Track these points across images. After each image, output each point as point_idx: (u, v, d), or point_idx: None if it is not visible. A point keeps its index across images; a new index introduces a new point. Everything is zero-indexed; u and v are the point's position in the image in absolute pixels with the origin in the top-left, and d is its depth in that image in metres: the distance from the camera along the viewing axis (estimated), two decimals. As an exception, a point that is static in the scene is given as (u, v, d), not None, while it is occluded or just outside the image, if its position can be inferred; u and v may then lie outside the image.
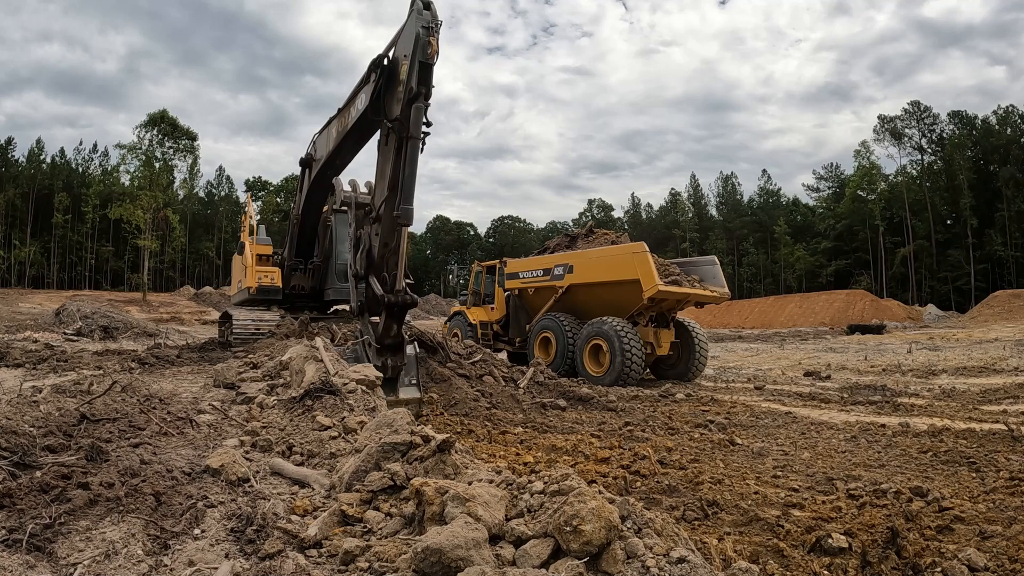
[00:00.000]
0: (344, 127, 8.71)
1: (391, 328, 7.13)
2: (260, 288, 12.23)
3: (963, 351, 19.71)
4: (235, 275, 14.38)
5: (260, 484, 3.47)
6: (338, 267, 12.72)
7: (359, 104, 7.89)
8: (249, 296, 12.34)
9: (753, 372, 15.02)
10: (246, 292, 12.43)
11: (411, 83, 6.31)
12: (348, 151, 9.22)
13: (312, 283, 13.13)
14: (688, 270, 13.70)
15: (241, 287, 13.05)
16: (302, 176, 11.78)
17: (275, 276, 12.44)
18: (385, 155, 6.88)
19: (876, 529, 3.32)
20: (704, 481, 4.45)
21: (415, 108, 6.32)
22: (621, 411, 8.35)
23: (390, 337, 7.17)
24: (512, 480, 2.94)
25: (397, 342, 7.26)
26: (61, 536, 2.54)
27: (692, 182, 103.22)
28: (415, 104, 6.32)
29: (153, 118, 56.19)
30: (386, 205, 6.67)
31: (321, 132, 10.24)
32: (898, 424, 7.13)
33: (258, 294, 12.23)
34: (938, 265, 68.32)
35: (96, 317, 22.69)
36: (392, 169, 6.58)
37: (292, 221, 12.71)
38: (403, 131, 6.41)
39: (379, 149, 7.15)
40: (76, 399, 4.60)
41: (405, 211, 6.42)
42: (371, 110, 7.25)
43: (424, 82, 6.29)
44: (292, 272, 12.88)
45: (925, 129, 73.72)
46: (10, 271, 69.99)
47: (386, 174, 6.75)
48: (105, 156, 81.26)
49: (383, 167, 6.91)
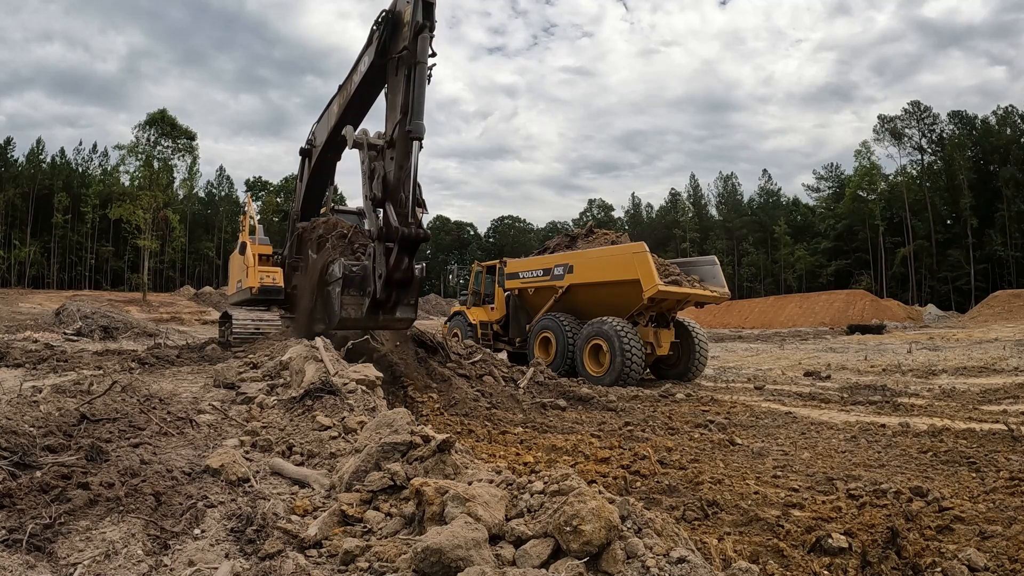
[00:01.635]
0: (347, 96, 9.19)
1: (402, 262, 7.43)
2: (262, 288, 12.19)
3: (963, 351, 19.71)
4: (234, 275, 14.22)
5: (260, 484, 3.47)
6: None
7: (362, 67, 8.59)
8: (251, 296, 12.31)
9: (753, 372, 15.02)
10: (247, 292, 12.38)
11: (416, 17, 7.07)
12: (351, 121, 9.37)
13: None
14: (688, 270, 13.70)
15: (241, 287, 12.99)
16: (301, 168, 11.94)
17: (277, 276, 12.41)
18: (395, 88, 7.56)
19: (876, 529, 3.32)
20: (704, 481, 4.45)
21: (421, 38, 7.05)
22: (621, 411, 8.35)
23: (400, 271, 7.49)
24: (512, 480, 2.94)
25: (407, 277, 7.60)
26: (61, 536, 2.54)
27: (692, 182, 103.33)
28: (420, 35, 7.04)
29: (152, 118, 56.19)
30: (399, 127, 7.22)
31: (320, 118, 10.65)
32: (898, 424, 7.13)
33: (260, 294, 12.18)
34: (938, 265, 68.32)
35: (96, 317, 22.67)
36: (403, 96, 7.22)
37: (292, 218, 12.67)
38: (411, 58, 7.13)
39: (388, 89, 7.80)
40: (76, 399, 4.60)
41: (417, 125, 7.06)
42: (378, 58, 7.93)
43: (428, 16, 7.09)
44: (293, 271, 12.83)
45: (925, 129, 73.77)
46: (10, 271, 69.98)
47: (397, 104, 7.39)
48: (105, 156, 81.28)
49: (393, 100, 7.56)
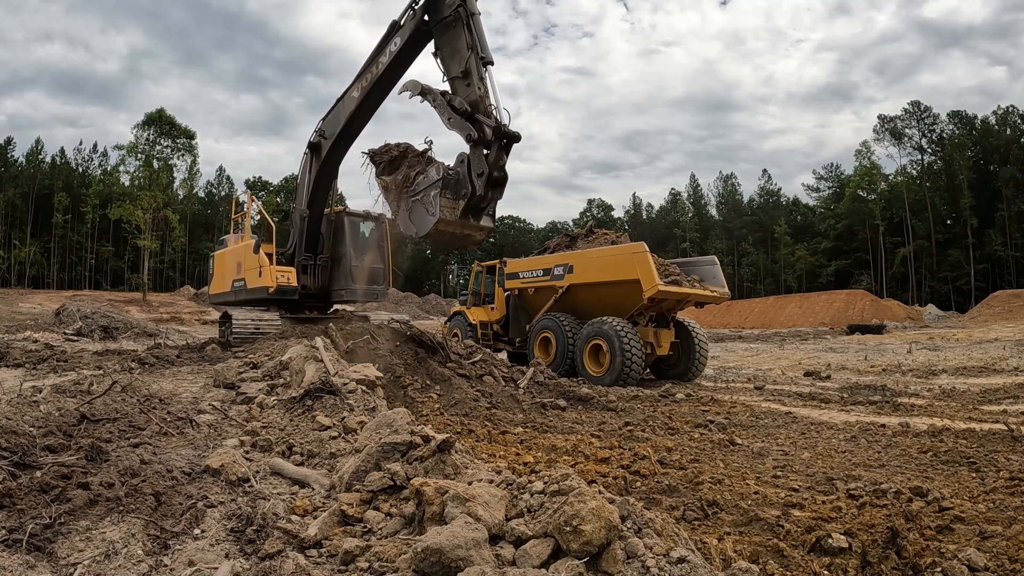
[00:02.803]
0: (372, 79, 10.27)
1: (501, 158, 8.36)
2: (279, 288, 11.96)
3: (963, 351, 19.71)
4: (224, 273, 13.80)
5: (260, 484, 3.47)
6: (352, 268, 12.65)
7: (392, 47, 9.89)
8: (267, 296, 12.00)
9: (753, 372, 15.02)
10: (262, 291, 12.00)
11: None
12: (374, 102, 10.69)
13: (318, 283, 12.96)
14: (688, 270, 13.70)
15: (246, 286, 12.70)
16: (308, 162, 11.99)
17: (291, 276, 12.18)
18: (454, 38, 8.92)
19: (876, 529, 3.32)
20: (704, 481, 4.44)
21: None
22: (621, 411, 8.35)
23: (499, 168, 8.41)
24: (512, 480, 2.94)
25: (504, 175, 8.54)
26: (61, 536, 2.54)
27: (692, 182, 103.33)
28: None
29: (150, 118, 56.16)
30: (470, 59, 8.60)
31: (330, 112, 11.33)
32: (898, 424, 7.13)
33: (277, 294, 12.00)
34: (938, 265, 68.32)
35: (96, 317, 22.65)
36: (467, 39, 8.67)
37: (299, 216, 12.50)
38: (467, 11, 8.66)
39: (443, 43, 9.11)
40: (76, 399, 4.60)
41: (488, 52, 8.58)
42: (421, 26, 9.38)
43: None
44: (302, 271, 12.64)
45: (925, 129, 73.79)
46: (10, 271, 69.96)
47: (460, 47, 8.78)
48: (105, 156, 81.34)
49: (455, 46, 8.93)
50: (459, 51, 8.87)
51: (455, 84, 8.83)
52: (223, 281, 13.91)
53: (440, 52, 9.20)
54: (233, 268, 13.42)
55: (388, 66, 9.96)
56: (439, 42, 9.20)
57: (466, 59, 8.66)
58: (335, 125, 11.16)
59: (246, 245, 13.03)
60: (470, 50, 8.62)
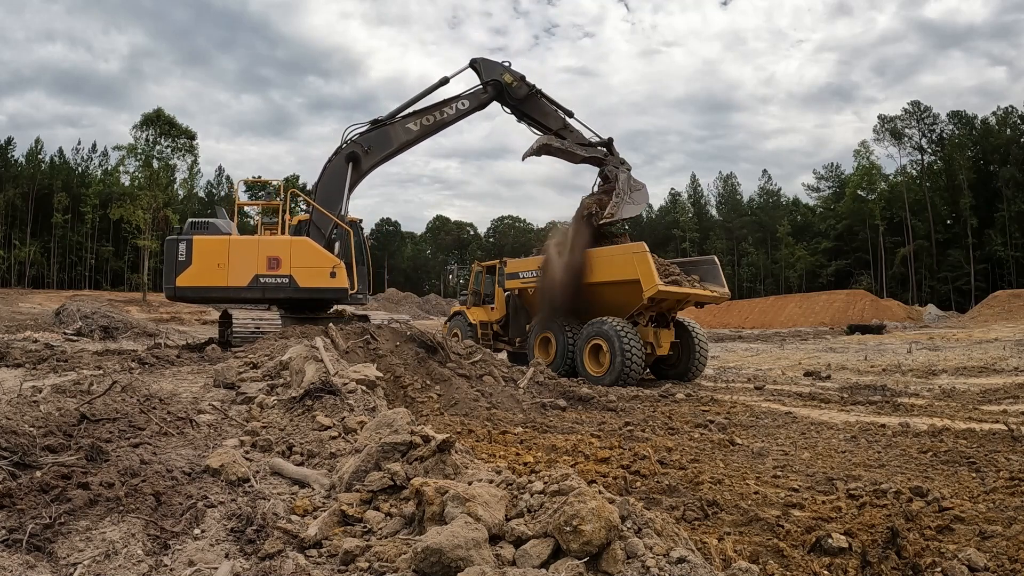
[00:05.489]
0: (435, 122, 13.06)
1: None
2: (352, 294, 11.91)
3: (963, 351, 19.71)
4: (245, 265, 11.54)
5: (260, 484, 3.47)
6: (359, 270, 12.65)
7: (460, 106, 13.21)
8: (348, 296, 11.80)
9: (753, 372, 15.03)
10: (341, 292, 11.49)
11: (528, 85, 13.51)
12: (428, 137, 13.32)
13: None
14: (688, 270, 13.70)
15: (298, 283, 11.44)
16: (343, 171, 12.30)
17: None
18: (538, 107, 13.77)
19: (876, 529, 3.31)
20: (704, 481, 4.44)
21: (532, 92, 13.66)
22: (621, 411, 8.35)
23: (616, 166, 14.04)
24: (512, 480, 2.94)
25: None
26: (61, 536, 2.54)
27: (692, 182, 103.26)
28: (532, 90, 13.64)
29: (148, 118, 56.04)
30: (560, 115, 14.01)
31: (374, 130, 12.73)
32: (898, 424, 7.12)
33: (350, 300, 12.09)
34: (938, 265, 68.30)
35: (96, 317, 22.63)
36: (548, 107, 13.87)
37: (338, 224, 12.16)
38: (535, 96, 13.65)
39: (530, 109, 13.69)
40: (76, 399, 4.60)
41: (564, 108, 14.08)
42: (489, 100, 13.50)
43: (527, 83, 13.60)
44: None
45: (925, 129, 73.70)
46: (10, 271, 69.91)
47: (548, 111, 13.81)
48: (105, 156, 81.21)
49: (543, 111, 13.81)
50: (548, 113, 13.63)
51: (560, 132, 13.54)
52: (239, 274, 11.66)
53: (529, 118, 13.53)
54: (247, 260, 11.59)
55: (453, 119, 13.23)
56: (526, 111, 13.51)
57: (560, 118, 13.69)
58: (383, 146, 12.81)
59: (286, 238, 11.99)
60: (556, 108, 13.66)
